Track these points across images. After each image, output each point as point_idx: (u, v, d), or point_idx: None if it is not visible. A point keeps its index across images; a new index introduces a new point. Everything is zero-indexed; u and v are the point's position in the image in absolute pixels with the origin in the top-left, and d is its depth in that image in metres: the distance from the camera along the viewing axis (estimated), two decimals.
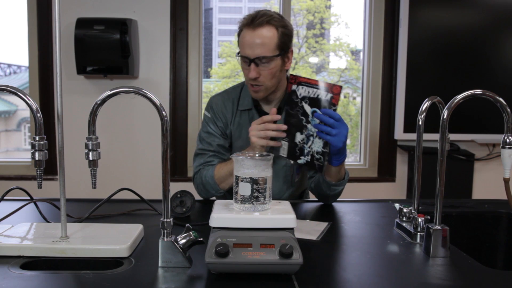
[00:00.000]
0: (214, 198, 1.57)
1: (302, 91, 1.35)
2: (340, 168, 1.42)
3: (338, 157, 1.37)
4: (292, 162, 1.44)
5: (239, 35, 1.48)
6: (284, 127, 1.37)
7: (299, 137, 1.37)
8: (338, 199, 1.55)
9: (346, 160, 1.46)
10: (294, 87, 1.36)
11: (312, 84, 1.33)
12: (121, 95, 0.95)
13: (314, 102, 1.33)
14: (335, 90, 1.30)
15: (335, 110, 1.31)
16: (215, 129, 1.59)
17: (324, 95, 1.31)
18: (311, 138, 1.35)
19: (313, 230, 1.22)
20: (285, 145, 1.40)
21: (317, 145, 1.34)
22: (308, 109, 1.34)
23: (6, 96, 3.23)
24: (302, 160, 1.37)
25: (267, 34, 1.41)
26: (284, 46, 1.45)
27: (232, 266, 0.86)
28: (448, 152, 1.04)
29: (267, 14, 1.42)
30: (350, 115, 3.26)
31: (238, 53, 1.49)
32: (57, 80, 0.99)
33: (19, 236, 1.04)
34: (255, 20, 1.40)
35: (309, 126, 1.35)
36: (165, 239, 0.93)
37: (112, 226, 1.13)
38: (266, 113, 1.58)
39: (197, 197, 1.50)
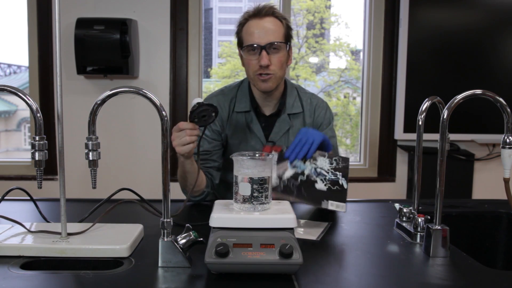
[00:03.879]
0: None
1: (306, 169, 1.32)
2: None
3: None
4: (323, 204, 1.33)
5: (241, 28, 1.47)
6: (196, 129, 1.26)
7: (320, 184, 1.31)
8: None
9: None
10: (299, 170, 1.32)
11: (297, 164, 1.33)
12: (121, 95, 0.95)
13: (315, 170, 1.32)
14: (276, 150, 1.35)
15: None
16: (208, 133, 1.54)
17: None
18: (318, 170, 1.31)
19: (313, 230, 1.22)
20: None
21: (323, 164, 1.31)
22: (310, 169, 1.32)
23: (6, 96, 3.23)
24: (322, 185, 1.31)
25: (275, 23, 1.44)
26: (289, 38, 1.48)
27: (232, 266, 0.86)
28: (448, 152, 1.04)
29: (270, 6, 1.46)
30: (350, 115, 3.26)
31: (241, 46, 1.47)
32: (57, 80, 0.99)
33: (19, 236, 1.04)
34: (262, 11, 1.44)
35: (318, 170, 1.31)
36: (165, 239, 0.93)
37: (112, 226, 1.13)
38: (265, 115, 1.57)
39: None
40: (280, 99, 1.56)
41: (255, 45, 1.42)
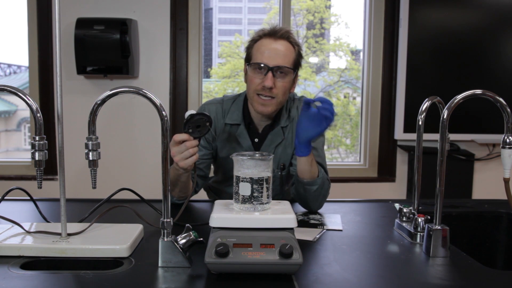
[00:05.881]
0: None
1: None
2: (310, 161, 1.34)
3: (306, 146, 1.29)
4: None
5: (252, 44, 1.44)
6: (193, 140, 1.23)
7: None
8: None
9: (346, 160, 1.45)
10: None
11: None
12: (121, 95, 0.95)
13: None
14: None
15: None
16: (201, 141, 1.49)
17: None
18: None
19: (311, 231, 1.22)
20: None
21: None
22: None
23: (6, 96, 3.23)
24: None
25: (288, 47, 1.42)
26: (297, 65, 1.46)
27: (232, 266, 0.86)
28: (448, 152, 1.04)
29: (286, 30, 1.43)
30: (350, 115, 3.26)
31: (249, 62, 1.44)
32: (57, 80, 0.99)
33: (19, 236, 1.04)
34: (277, 32, 1.41)
35: None
36: (165, 239, 0.93)
37: (112, 226, 1.13)
38: (257, 131, 1.54)
39: None
40: (274, 117, 1.53)
41: (262, 65, 1.39)
